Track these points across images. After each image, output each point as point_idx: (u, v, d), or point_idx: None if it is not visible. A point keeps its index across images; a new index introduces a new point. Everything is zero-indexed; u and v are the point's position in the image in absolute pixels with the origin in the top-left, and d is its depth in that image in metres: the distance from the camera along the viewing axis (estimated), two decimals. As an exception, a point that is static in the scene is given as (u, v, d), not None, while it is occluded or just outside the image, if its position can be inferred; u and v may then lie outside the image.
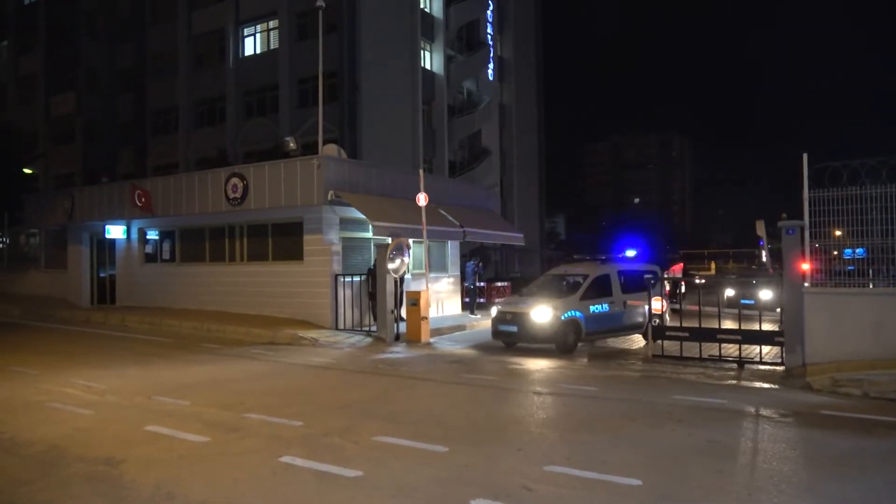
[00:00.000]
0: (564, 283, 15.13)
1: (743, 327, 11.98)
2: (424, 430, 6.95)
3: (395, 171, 20.23)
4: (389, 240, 15.39)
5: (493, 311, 14.63)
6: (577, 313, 13.65)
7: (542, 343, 13.63)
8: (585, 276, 14.56)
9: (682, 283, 21.27)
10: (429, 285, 16.29)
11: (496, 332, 14.25)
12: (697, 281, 20.86)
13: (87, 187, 24.59)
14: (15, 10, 37.45)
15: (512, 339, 13.99)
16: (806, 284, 10.53)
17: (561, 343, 13.36)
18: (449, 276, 21.08)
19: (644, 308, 14.31)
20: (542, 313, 13.37)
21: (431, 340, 15.01)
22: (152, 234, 21.65)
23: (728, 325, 13.07)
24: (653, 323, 13.27)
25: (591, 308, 13.95)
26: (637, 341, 15.32)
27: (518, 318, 13.65)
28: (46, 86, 35.81)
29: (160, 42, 32.59)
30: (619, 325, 14.74)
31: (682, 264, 23.49)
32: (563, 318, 13.38)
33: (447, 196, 20.51)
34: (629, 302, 14.69)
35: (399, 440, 6.55)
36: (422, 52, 30.98)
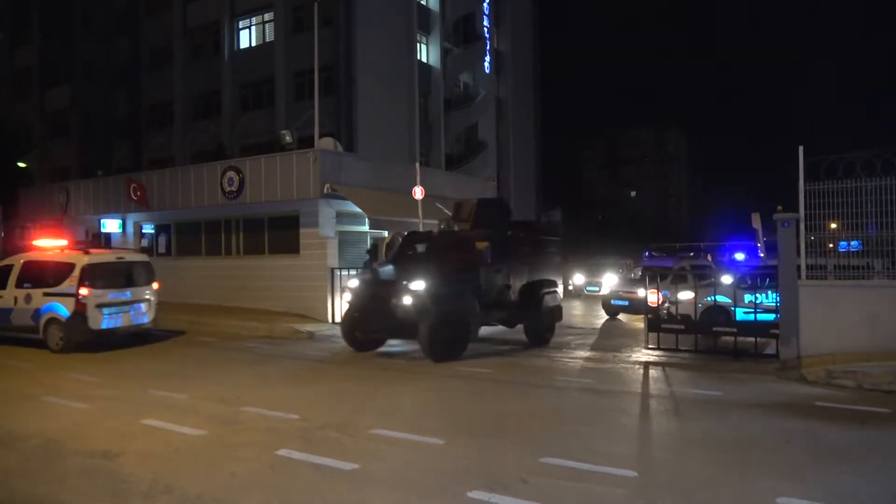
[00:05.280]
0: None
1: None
2: (421, 423, 6.97)
3: (392, 164, 20.21)
4: (386, 233, 15.37)
5: None
6: None
7: None
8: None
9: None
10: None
11: None
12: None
13: (82, 181, 24.53)
14: (9, 3, 37.17)
15: None
16: (801, 277, 10.56)
17: None
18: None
19: (53, 304, 12.05)
20: None
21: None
22: (148, 228, 21.62)
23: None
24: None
25: None
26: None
27: None
28: (41, 79, 35.59)
29: (155, 35, 32.35)
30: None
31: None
32: None
33: (444, 189, 20.49)
34: (30, 297, 12.33)
35: (395, 433, 6.58)
36: (418, 45, 30.80)
